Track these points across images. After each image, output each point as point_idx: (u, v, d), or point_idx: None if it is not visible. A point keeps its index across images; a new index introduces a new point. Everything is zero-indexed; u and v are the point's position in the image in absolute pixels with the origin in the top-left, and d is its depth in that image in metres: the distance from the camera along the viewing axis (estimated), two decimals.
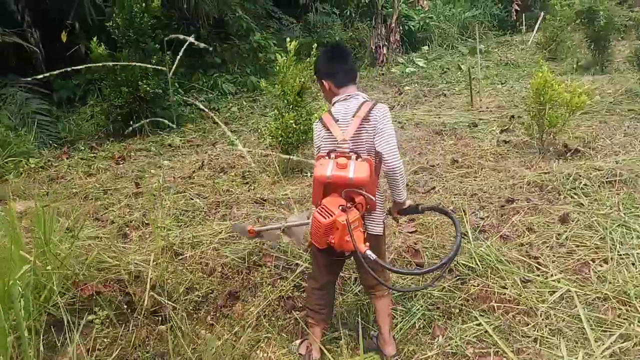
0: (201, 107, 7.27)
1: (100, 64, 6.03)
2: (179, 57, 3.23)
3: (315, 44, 5.43)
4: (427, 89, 9.55)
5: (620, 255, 3.32)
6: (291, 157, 5.15)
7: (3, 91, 7.46)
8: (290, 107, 5.42)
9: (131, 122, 7.46)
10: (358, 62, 12.43)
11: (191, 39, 3.03)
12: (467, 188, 4.75)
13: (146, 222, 4.36)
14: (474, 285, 3.13)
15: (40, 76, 3.27)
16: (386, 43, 12.46)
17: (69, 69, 3.19)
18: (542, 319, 2.82)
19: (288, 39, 5.30)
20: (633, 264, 3.22)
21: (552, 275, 3.20)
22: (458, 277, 3.25)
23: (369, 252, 2.17)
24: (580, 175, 4.56)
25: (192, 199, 4.84)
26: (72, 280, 2.86)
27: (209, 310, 3.07)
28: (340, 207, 2.18)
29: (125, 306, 2.90)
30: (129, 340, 2.71)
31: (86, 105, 8.41)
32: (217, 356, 2.55)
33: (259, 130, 7.04)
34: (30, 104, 7.44)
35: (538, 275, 3.21)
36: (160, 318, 2.90)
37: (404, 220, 4.13)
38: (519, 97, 8.10)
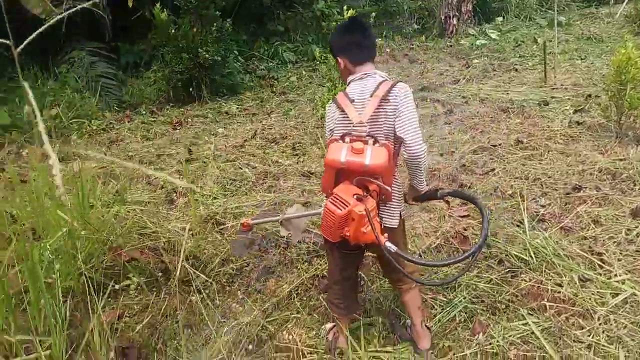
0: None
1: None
2: None
3: (374, 13, 5.16)
4: (497, 63, 8.94)
5: None
6: None
7: (72, 55, 7.74)
8: (331, 85, 5.21)
9: (190, 89, 7.56)
10: (426, 33, 11.90)
11: None
12: (529, 172, 4.39)
13: (191, 189, 4.38)
14: (525, 280, 2.86)
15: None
16: (457, 13, 11.80)
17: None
18: (600, 324, 2.53)
19: (345, 7, 5.05)
20: None
21: (616, 275, 2.87)
22: (508, 270, 2.99)
23: (388, 244, 1.97)
24: None
25: (241, 168, 4.81)
26: (109, 245, 2.88)
27: (242, 283, 3.02)
28: (356, 197, 1.96)
29: (159, 274, 2.90)
30: (159, 309, 2.71)
31: (150, 70, 8.59)
32: (244, 333, 2.49)
33: (315, 101, 6.88)
34: (97, 67, 7.68)
35: (600, 274, 2.89)
36: (192, 288, 2.88)
37: (455, 204, 3.88)
38: (598, 74, 7.40)
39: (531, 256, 3.05)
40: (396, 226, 2.25)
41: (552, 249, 3.08)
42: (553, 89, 7.00)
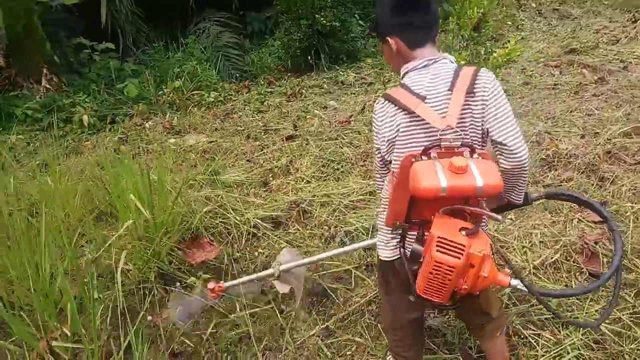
0: None
1: None
2: None
3: None
4: None
5: None
6: None
7: (199, 26, 7.95)
8: (465, 44, 4.51)
9: (309, 57, 7.33)
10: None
11: None
12: None
13: (290, 170, 4.18)
14: None
15: None
16: None
17: None
18: None
19: None
20: None
21: None
22: None
23: (514, 281, 1.46)
24: None
25: (342, 148, 4.47)
26: (178, 236, 2.79)
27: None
28: (465, 232, 1.39)
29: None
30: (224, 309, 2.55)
31: (273, 38, 8.53)
32: (298, 353, 2.22)
33: None
34: (222, 37, 7.79)
35: None
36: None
37: None
38: None
39: None
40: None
41: None
42: None
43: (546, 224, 3.02)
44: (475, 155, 1.46)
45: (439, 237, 1.37)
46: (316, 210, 3.44)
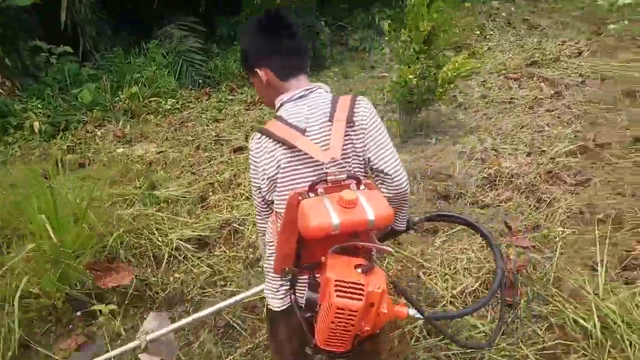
0: None
1: None
2: None
3: None
4: None
5: None
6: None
7: (164, 30, 7.80)
8: (415, 57, 4.43)
9: None
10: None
11: None
12: None
13: (232, 184, 4.07)
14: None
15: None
16: None
17: None
18: None
19: None
20: None
21: None
22: (559, 341, 2.21)
23: (411, 311, 1.40)
24: None
25: None
26: (91, 258, 2.68)
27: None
28: (360, 269, 1.30)
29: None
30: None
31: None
32: None
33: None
34: (186, 42, 7.65)
35: None
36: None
37: (518, 229, 3.07)
38: None
39: (594, 325, 2.22)
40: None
41: (628, 318, 2.21)
42: None
43: (474, 248, 2.95)
44: (362, 187, 1.40)
45: (336, 281, 1.27)
46: (248, 229, 3.34)
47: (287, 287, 1.56)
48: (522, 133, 4.42)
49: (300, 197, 1.36)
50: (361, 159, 1.51)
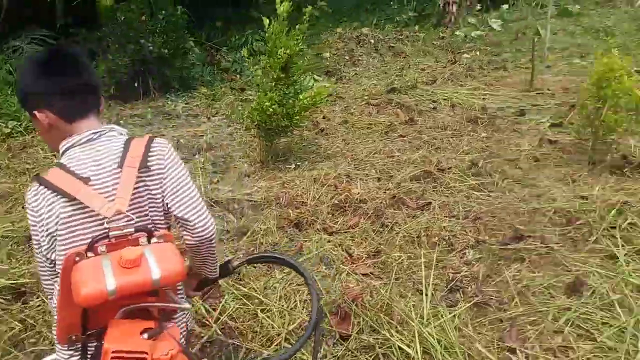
0: None
1: None
2: None
3: (310, 7, 4.38)
4: (487, 59, 7.99)
5: None
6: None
7: (13, 44, 7.11)
8: (273, 84, 4.43)
9: (136, 84, 6.88)
10: (423, 21, 10.86)
11: None
12: (472, 208, 3.60)
13: None
14: None
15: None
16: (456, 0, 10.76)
17: None
18: None
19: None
20: None
21: None
22: None
23: None
24: (629, 207, 3.25)
25: None
26: None
27: None
28: (147, 334, 1.19)
29: None
30: None
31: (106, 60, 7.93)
32: None
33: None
34: None
35: None
36: None
37: (357, 256, 3.13)
38: None
39: (417, 351, 2.29)
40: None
41: (446, 342, 2.31)
42: (538, 93, 6.12)
43: (317, 277, 2.95)
44: (154, 239, 1.27)
45: (114, 352, 1.15)
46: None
47: (79, 357, 1.38)
48: (375, 158, 4.59)
49: (77, 258, 1.19)
50: (160, 206, 1.40)
